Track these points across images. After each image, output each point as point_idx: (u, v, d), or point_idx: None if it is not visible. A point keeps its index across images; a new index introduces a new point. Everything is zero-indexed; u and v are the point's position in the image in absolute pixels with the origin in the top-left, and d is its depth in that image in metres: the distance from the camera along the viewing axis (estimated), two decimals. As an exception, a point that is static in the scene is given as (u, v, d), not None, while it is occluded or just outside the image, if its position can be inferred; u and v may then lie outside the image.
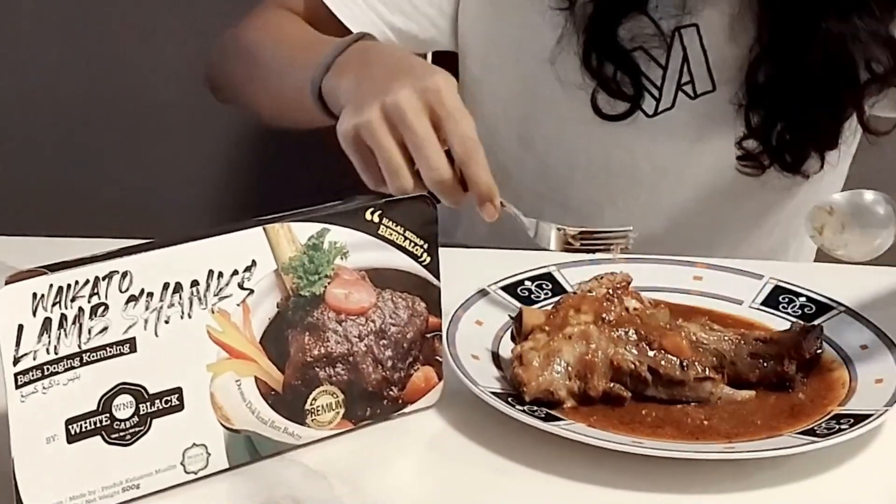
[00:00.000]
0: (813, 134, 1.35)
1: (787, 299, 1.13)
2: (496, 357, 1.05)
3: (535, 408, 0.97)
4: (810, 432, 0.95)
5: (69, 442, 0.85)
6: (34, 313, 0.82)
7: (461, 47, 1.43)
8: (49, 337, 0.83)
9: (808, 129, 1.35)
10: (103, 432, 0.86)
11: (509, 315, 1.08)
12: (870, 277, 1.22)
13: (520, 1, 1.35)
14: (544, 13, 1.34)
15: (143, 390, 0.87)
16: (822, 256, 1.53)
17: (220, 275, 0.89)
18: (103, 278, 0.84)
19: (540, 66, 1.36)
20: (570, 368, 0.99)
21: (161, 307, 0.87)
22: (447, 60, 1.43)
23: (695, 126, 1.36)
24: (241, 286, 0.90)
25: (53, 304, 0.83)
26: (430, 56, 1.52)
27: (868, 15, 1.30)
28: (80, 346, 0.84)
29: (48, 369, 0.83)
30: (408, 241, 0.97)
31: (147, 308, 0.86)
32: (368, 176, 1.06)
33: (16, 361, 0.82)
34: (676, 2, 1.32)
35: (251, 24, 1.37)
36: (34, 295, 0.82)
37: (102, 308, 0.84)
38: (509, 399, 0.98)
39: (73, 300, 0.83)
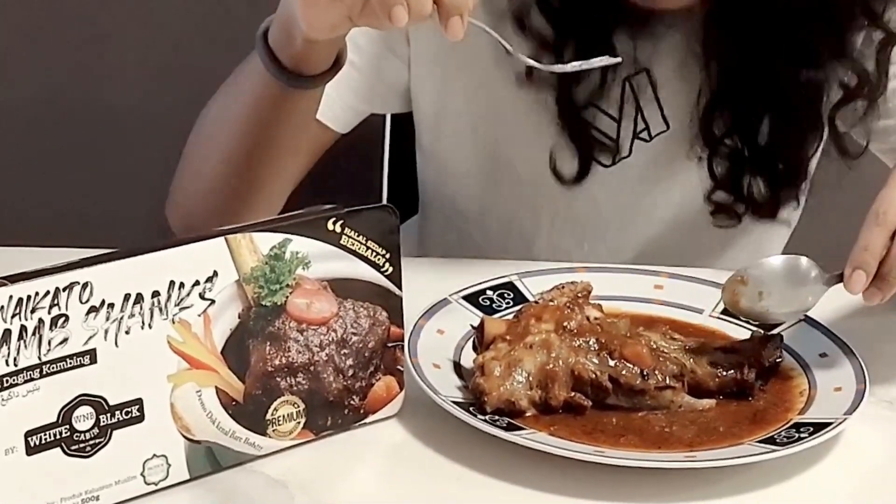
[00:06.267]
0: (782, 176, 1.34)
1: (747, 308, 1.14)
2: (458, 366, 1.05)
3: (497, 417, 0.97)
4: (771, 440, 0.96)
5: (28, 454, 0.84)
6: (-7, 325, 0.82)
7: (415, 118, 1.41)
8: (8, 348, 0.82)
9: (776, 172, 1.34)
10: (63, 444, 0.86)
11: (471, 324, 1.08)
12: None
13: (469, 64, 1.33)
14: (492, 74, 1.32)
15: (103, 401, 0.87)
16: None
17: (182, 285, 0.89)
18: (64, 289, 0.84)
19: (493, 132, 1.36)
20: (531, 378, 0.99)
21: (122, 318, 0.86)
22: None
23: (655, 167, 1.35)
24: (202, 296, 0.90)
25: (13, 316, 0.82)
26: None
27: (820, 50, 1.27)
28: (39, 358, 0.84)
29: (7, 381, 0.83)
30: (370, 251, 0.97)
31: (107, 319, 0.86)
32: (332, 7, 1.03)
33: (-25, 373, 0.82)
34: (626, 56, 1.28)
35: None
36: (-7, 306, 0.82)
37: (63, 319, 0.84)
38: (471, 408, 0.98)
39: (33, 311, 0.83)
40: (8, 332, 0.82)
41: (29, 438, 0.84)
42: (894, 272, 1.00)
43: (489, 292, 1.14)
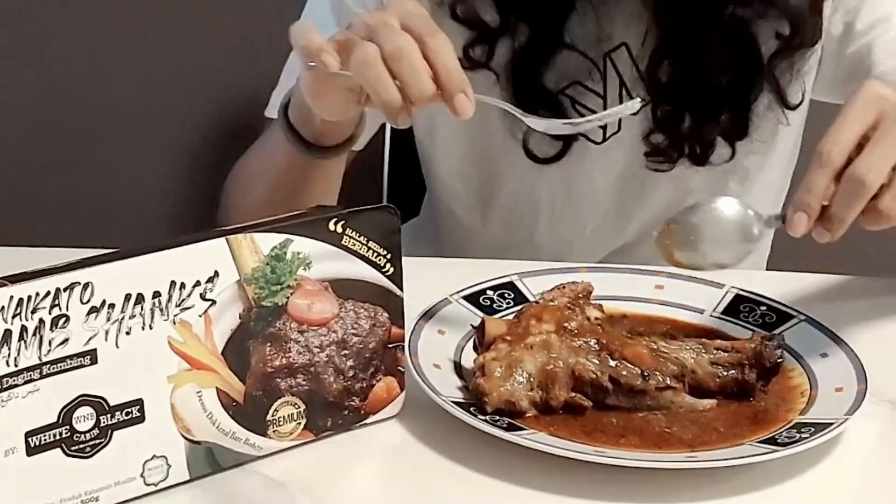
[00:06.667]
0: (719, 123, 1.33)
1: (747, 308, 1.14)
2: (458, 367, 1.05)
3: (497, 418, 0.97)
4: (772, 441, 0.96)
5: (28, 454, 0.84)
6: (-6, 325, 0.82)
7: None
8: (9, 349, 0.82)
9: (715, 119, 1.33)
10: (63, 445, 0.86)
11: (471, 325, 1.08)
12: (830, 286, 1.23)
13: None
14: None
15: (103, 402, 0.87)
16: (777, 263, 1.54)
17: (182, 286, 0.89)
18: (64, 290, 0.84)
19: (482, 124, 1.36)
20: (531, 379, 0.99)
21: (122, 318, 0.86)
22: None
23: (645, 130, 1.36)
24: (203, 297, 0.90)
25: (14, 316, 0.82)
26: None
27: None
28: (40, 358, 0.84)
29: (7, 381, 0.83)
30: (371, 252, 0.97)
31: (108, 319, 0.86)
32: (339, 95, 1.05)
33: (-25, 374, 0.81)
34: (593, 31, 1.30)
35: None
36: (-6, 307, 0.82)
37: (63, 319, 0.84)
38: (471, 409, 0.98)
39: (33, 312, 0.83)
40: (8, 332, 0.82)
41: (29, 439, 0.84)
42: (839, 214, 0.99)
43: (490, 292, 1.14)
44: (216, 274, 0.90)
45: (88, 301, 0.85)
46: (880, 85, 1.01)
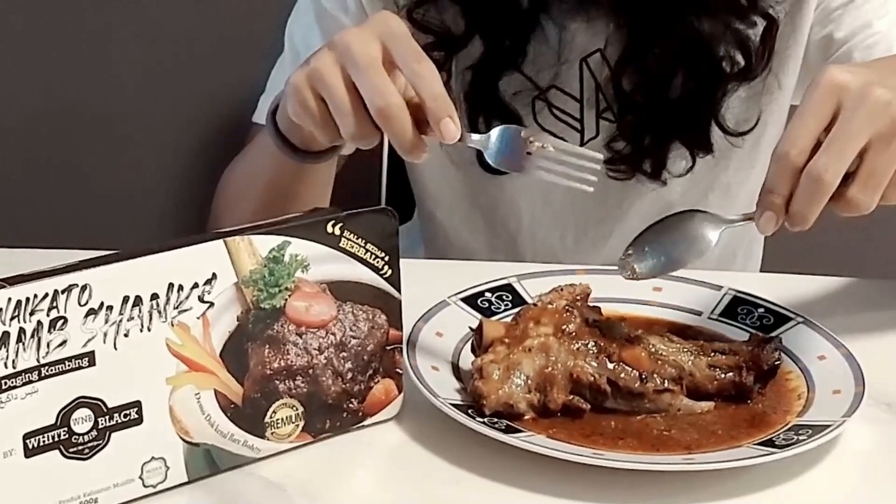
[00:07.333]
0: (679, 136, 1.33)
1: (745, 310, 1.14)
2: (456, 369, 1.05)
3: (496, 420, 0.97)
4: (769, 443, 0.96)
5: (27, 456, 0.84)
6: (-8, 327, 0.82)
7: None
8: (7, 351, 0.82)
9: (676, 131, 1.33)
10: (61, 446, 0.86)
11: (469, 327, 1.08)
12: (828, 288, 1.23)
13: None
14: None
15: (101, 404, 0.87)
16: (774, 265, 1.54)
17: (181, 288, 0.89)
18: (62, 291, 0.84)
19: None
20: (529, 381, 0.99)
21: (120, 320, 0.86)
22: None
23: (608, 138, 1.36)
24: (201, 299, 0.90)
25: (12, 318, 0.82)
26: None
27: (721, 12, 1.28)
28: (38, 360, 0.84)
29: (6, 383, 0.83)
30: (369, 254, 0.97)
31: (106, 321, 0.86)
32: (325, 130, 1.04)
33: (-27, 376, 0.81)
34: (552, 47, 1.31)
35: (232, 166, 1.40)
36: (-8, 309, 0.82)
37: (61, 321, 0.84)
38: (469, 411, 0.98)
39: (31, 314, 0.83)
40: (6, 334, 0.82)
41: (27, 441, 0.84)
42: (802, 211, 0.97)
43: (488, 294, 1.14)
44: (214, 276, 0.90)
45: (86, 303, 0.85)
46: (839, 71, 0.98)
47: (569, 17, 1.30)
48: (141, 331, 0.87)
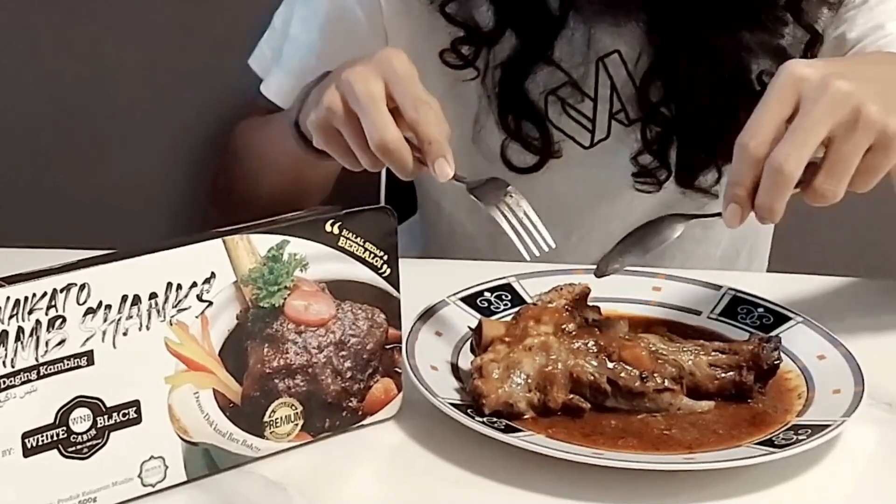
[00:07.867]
0: (709, 149, 1.34)
1: (745, 310, 1.14)
2: (456, 368, 1.05)
3: (495, 419, 0.97)
4: (769, 443, 0.96)
5: (25, 456, 0.84)
6: (-9, 326, 0.82)
7: None
8: (6, 350, 0.82)
9: (704, 145, 1.34)
10: (60, 446, 0.86)
11: (469, 326, 1.08)
12: (827, 287, 1.23)
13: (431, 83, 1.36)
14: (456, 87, 1.34)
15: (100, 403, 0.87)
16: (774, 265, 1.54)
17: (179, 287, 0.89)
18: (61, 291, 0.84)
19: (465, 131, 1.36)
20: (529, 380, 0.99)
21: (119, 319, 0.86)
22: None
23: (634, 151, 1.36)
24: (199, 298, 0.90)
25: (10, 317, 0.82)
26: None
27: (757, 28, 1.29)
28: (37, 359, 0.83)
29: (4, 382, 0.82)
30: (367, 253, 0.97)
31: (105, 320, 0.86)
32: (348, 161, 1.09)
33: (-28, 375, 0.81)
34: (581, 47, 1.31)
35: (237, 130, 1.45)
36: (-9, 307, 0.81)
37: (60, 321, 0.84)
38: (468, 410, 0.98)
39: (30, 313, 0.83)
40: (5, 333, 0.82)
41: (26, 440, 0.84)
42: (766, 203, 0.97)
43: (487, 294, 1.14)
44: (213, 275, 0.90)
45: (85, 302, 0.85)
46: (801, 65, 0.99)
47: (597, 18, 1.30)
48: (140, 330, 0.87)
